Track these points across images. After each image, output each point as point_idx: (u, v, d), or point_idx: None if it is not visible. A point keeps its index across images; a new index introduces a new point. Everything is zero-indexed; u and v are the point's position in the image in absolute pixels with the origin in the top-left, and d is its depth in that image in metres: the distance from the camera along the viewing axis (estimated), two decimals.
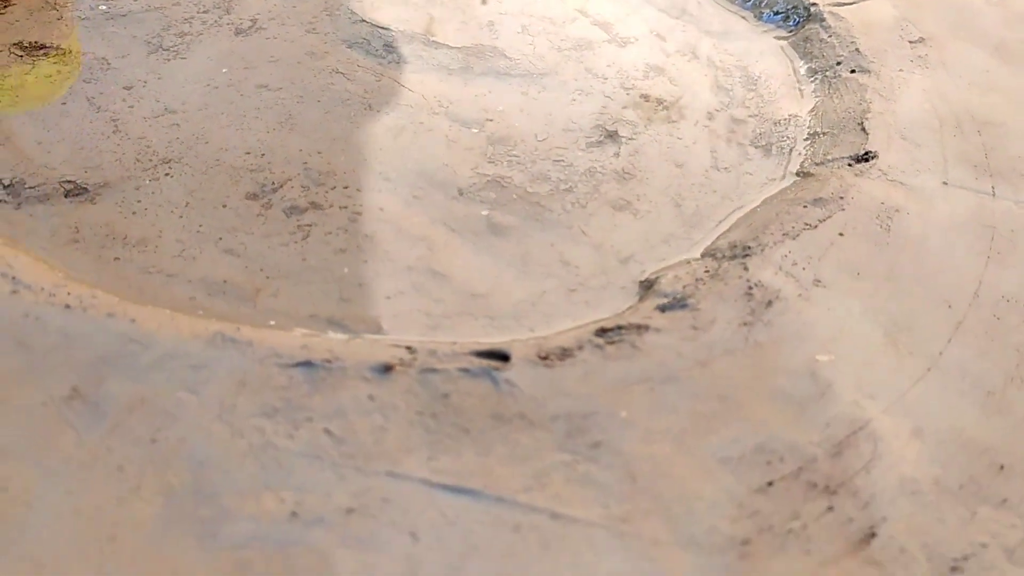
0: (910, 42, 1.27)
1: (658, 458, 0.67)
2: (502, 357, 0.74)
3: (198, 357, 0.73)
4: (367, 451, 0.66)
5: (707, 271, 0.87)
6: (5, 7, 1.23)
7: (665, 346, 0.76)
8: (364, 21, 1.31)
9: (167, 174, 1.00)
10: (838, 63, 1.24)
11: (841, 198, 0.95)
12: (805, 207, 0.94)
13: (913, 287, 0.85)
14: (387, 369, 0.72)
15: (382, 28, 1.29)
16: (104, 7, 1.25)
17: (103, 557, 0.58)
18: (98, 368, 0.71)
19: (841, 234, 0.90)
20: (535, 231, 0.99)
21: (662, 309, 0.80)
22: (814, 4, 1.35)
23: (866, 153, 1.03)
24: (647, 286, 0.89)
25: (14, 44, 1.16)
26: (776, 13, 1.38)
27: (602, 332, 0.77)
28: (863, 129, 1.08)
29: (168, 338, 0.74)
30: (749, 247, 0.89)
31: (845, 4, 1.35)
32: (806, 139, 1.13)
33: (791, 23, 1.36)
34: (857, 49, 1.24)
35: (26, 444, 0.64)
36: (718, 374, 0.74)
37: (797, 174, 1.06)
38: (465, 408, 0.70)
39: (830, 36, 1.29)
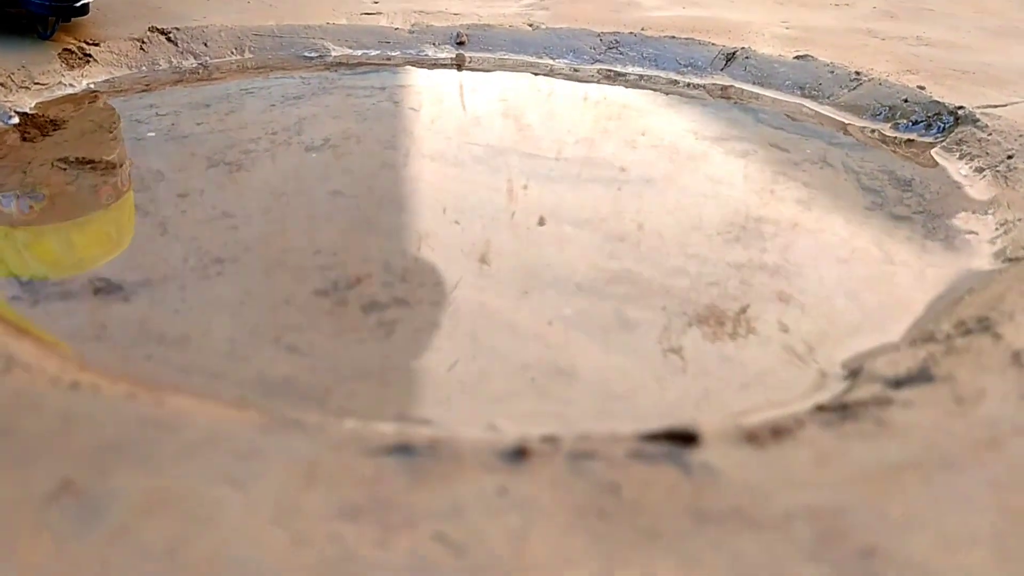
0: None
1: (975, 570, 0.42)
2: (687, 438, 0.50)
3: (248, 443, 0.51)
4: (504, 565, 0.42)
5: (938, 346, 0.64)
6: (55, 129, 1.13)
7: (925, 424, 0.52)
8: (451, 139, 1.18)
9: (219, 273, 0.83)
10: (1009, 157, 1.06)
11: None
12: None
13: None
14: (521, 453, 0.49)
15: (472, 145, 1.16)
16: (152, 133, 1.14)
17: None
18: (103, 457, 0.49)
19: None
20: (679, 326, 0.78)
21: (897, 384, 0.57)
22: (961, 108, 1.19)
23: None
24: (853, 373, 0.66)
25: (59, 159, 1.04)
26: (915, 123, 1.22)
27: (823, 410, 0.54)
28: None
29: (206, 421, 0.53)
30: (987, 318, 0.66)
31: (995, 106, 1.19)
32: (997, 229, 0.93)
33: (935, 130, 1.20)
34: None
35: None
36: (1021, 456, 0.49)
37: (1005, 260, 0.85)
38: (647, 503, 0.46)
39: (990, 135, 1.12)
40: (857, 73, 1.31)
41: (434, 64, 1.50)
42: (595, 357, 0.73)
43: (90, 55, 1.31)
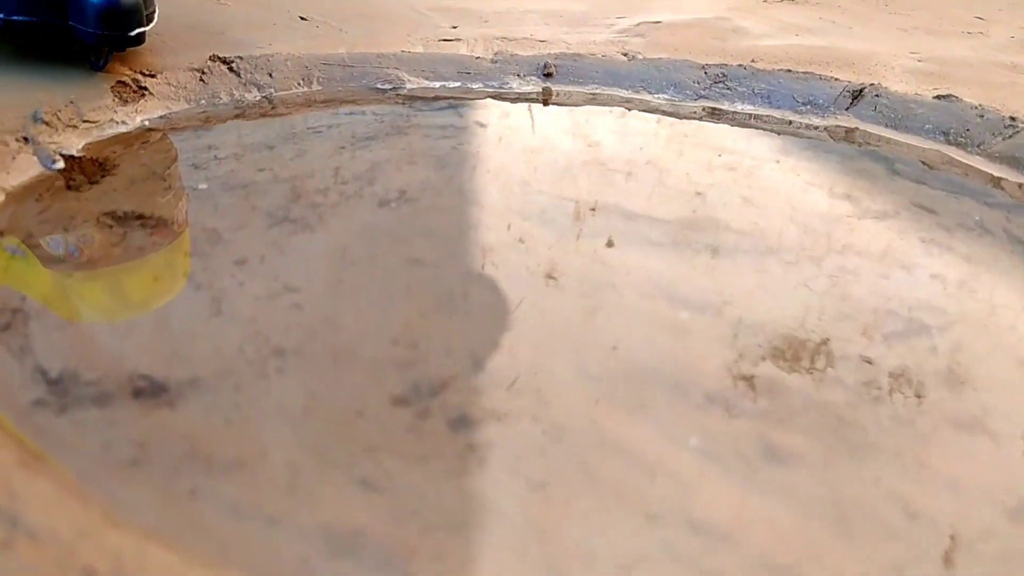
0: None
1: None
2: None
3: None
4: None
5: None
6: (103, 175, 1.02)
7: None
8: (542, 192, 1.05)
9: (280, 369, 0.71)
10: None
11: None
12: None
13: None
14: None
15: (566, 199, 1.03)
16: (206, 184, 1.02)
17: None
18: None
19: None
20: (843, 460, 0.63)
21: None
22: None
23: None
24: None
25: (105, 213, 0.93)
26: None
27: None
28: None
29: None
30: None
31: None
32: None
33: None
34: None
35: None
36: None
37: None
38: None
39: None
40: (1012, 118, 1.15)
41: (518, 98, 1.37)
42: (740, 503, 0.59)
43: (146, 88, 1.21)
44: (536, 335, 0.77)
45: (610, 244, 0.93)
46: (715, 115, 1.32)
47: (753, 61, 1.36)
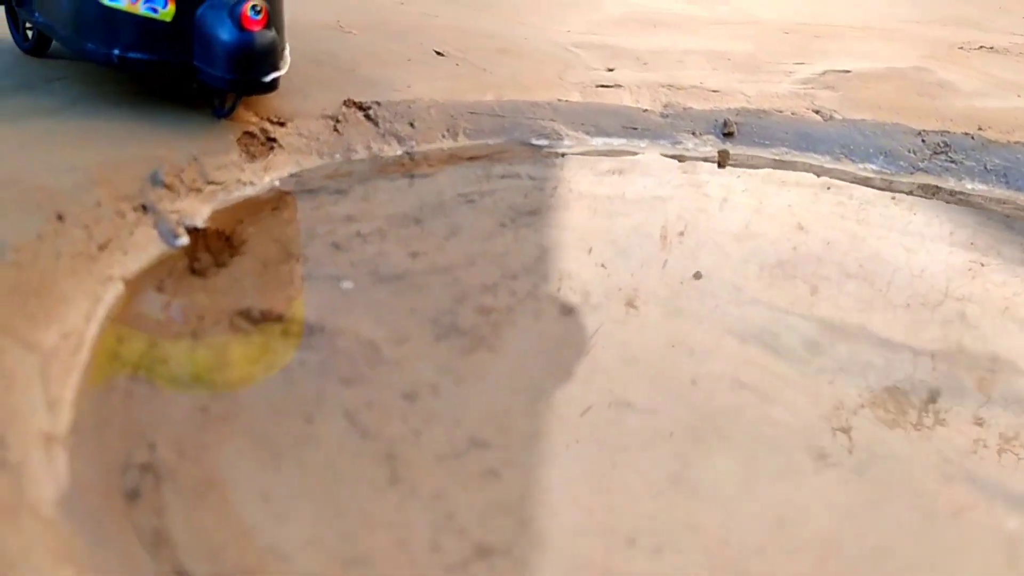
0: None
1: None
2: None
3: None
4: None
5: None
6: (232, 254, 0.88)
7: None
8: (759, 301, 0.87)
9: None
10: None
11: None
12: None
13: None
14: None
15: (782, 311, 0.85)
16: (349, 284, 0.86)
17: None
18: None
19: None
20: None
21: None
22: None
23: None
24: None
25: (239, 312, 0.78)
26: None
27: None
28: None
29: None
30: None
31: None
32: None
33: None
34: None
35: None
36: None
37: None
38: None
39: None
40: None
41: (695, 158, 1.19)
42: None
43: (274, 139, 1.06)
44: (796, 535, 0.59)
45: (867, 384, 0.75)
46: (939, 194, 1.12)
47: (980, 129, 1.16)
